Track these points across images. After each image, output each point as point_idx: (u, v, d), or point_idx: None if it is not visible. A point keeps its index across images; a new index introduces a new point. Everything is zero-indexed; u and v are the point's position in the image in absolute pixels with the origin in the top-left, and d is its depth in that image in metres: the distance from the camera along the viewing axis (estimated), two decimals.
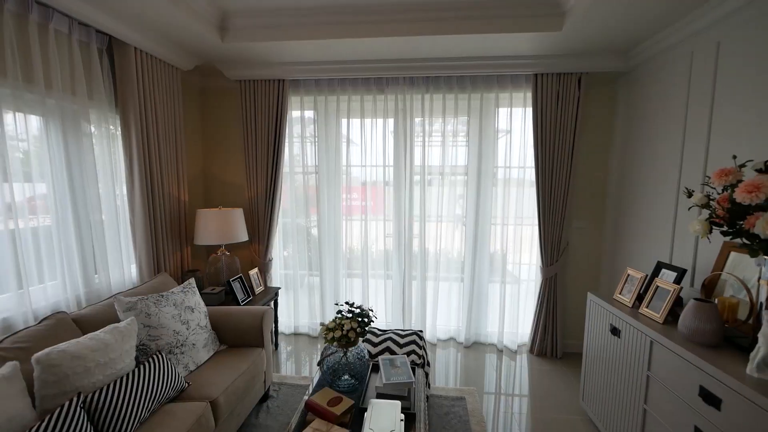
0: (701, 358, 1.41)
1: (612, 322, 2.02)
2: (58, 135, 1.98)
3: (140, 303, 1.86)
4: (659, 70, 2.41)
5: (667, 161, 2.30)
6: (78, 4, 1.92)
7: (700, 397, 1.40)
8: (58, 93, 1.95)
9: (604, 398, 2.09)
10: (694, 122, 2.09)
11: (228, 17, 2.44)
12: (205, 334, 2.12)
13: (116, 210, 2.36)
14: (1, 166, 1.70)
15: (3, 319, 1.74)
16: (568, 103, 2.80)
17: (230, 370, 1.98)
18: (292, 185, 3.33)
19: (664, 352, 1.61)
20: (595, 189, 3.04)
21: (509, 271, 3.26)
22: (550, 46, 2.51)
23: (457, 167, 3.22)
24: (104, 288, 2.26)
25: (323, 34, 2.44)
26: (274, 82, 3.03)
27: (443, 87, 3.01)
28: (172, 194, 2.74)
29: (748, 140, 1.74)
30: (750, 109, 1.74)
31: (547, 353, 3.15)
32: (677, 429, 1.52)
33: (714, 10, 1.90)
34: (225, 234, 2.80)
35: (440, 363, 3.06)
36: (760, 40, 1.70)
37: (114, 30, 2.16)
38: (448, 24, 2.31)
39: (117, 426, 1.39)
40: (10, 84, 1.73)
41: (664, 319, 1.74)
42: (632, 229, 2.68)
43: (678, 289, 1.74)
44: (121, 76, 2.32)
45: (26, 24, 1.80)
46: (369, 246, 3.36)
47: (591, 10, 2.01)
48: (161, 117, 2.59)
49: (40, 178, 1.93)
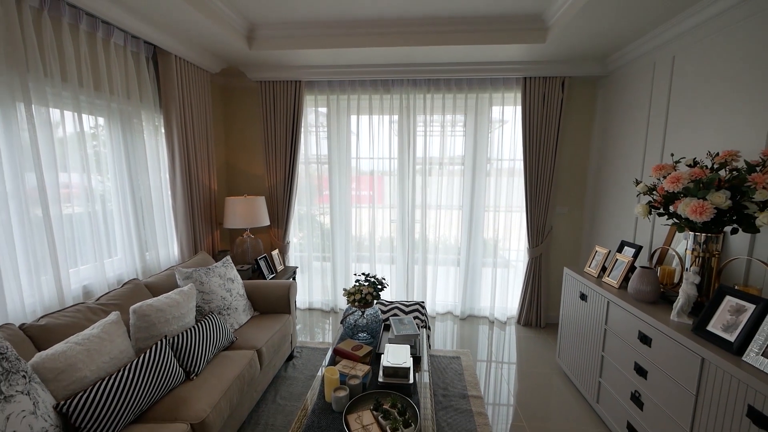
0: (641, 310, 1.84)
1: (581, 290, 2.45)
2: (118, 133, 2.35)
3: (195, 273, 2.26)
4: (629, 76, 2.79)
5: (633, 156, 2.70)
6: (134, 22, 2.26)
7: (638, 340, 1.84)
8: (117, 97, 2.31)
9: (574, 353, 2.53)
10: (654, 122, 2.48)
11: (255, 29, 2.78)
12: (243, 301, 2.54)
13: (162, 197, 2.74)
14: (81, 159, 2.07)
15: (84, 286, 2.13)
16: (553, 103, 3.18)
17: (266, 330, 2.40)
18: (306, 174, 3.71)
19: (617, 309, 2.04)
20: (576, 179, 3.44)
21: (500, 253, 3.68)
22: (536, 54, 2.87)
23: (455, 158, 3.60)
24: (154, 263, 2.66)
25: (337, 44, 2.79)
26: (291, 83, 3.38)
27: (443, 88, 3.37)
28: (204, 183, 3.11)
29: (696, 138, 2.14)
30: (697, 113, 2.13)
31: (532, 323, 3.60)
32: (623, 366, 1.96)
33: (670, 29, 2.27)
34: (250, 219, 3.19)
35: (439, 332, 3.50)
36: (705, 56, 2.08)
37: (159, 41, 2.50)
38: (447, 36, 2.67)
39: (192, 362, 1.81)
40: (84, 92, 2.09)
41: (619, 285, 2.17)
42: (605, 214, 3.09)
43: (631, 261, 2.17)
44: (164, 80, 2.66)
45: (95, 41, 2.15)
46: (376, 231, 3.77)
47: (569, 26, 2.37)
48: (195, 115, 2.95)
49: (107, 169, 2.30)
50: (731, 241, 1.86)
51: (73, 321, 1.63)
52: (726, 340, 1.42)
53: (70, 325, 1.61)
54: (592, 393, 2.27)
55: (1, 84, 1.66)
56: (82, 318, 1.67)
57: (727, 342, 1.41)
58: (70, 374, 1.39)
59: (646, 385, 1.78)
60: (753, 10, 1.77)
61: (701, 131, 2.08)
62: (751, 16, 1.78)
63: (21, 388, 1.19)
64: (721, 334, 1.45)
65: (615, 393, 2.04)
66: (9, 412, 1.12)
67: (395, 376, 1.75)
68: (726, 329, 1.45)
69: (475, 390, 2.52)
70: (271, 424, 2.12)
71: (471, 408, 2.32)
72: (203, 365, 1.87)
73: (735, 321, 1.43)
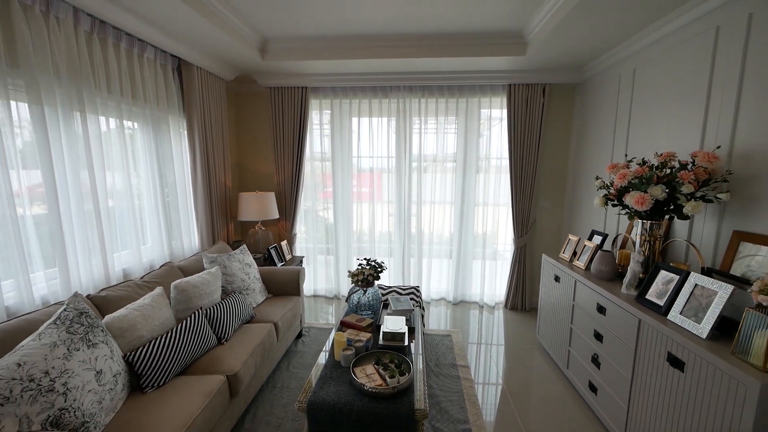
0: (599, 286, 2.19)
1: (555, 273, 2.80)
2: (150, 136, 2.68)
3: (219, 258, 2.60)
4: (600, 85, 3.14)
5: (603, 155, 3.05)
6: (164, 39, 2.58)
7: (596, 311, 2.19)
8: (150, 104, 2.64)
9: (550, 329, 2.89)
10: (619, 126, 2.83)
11: (267, 42, 3.11)
12: (259, 284, 2.88)
13: (185, 192, 3.08)
14: (122, 160, 2.41)
15: (124, 269, 2.47)
16: (535, 107, 3.52)
17: (280, 308, 2.74)
18: (311, 172, 4.04)
19: (582, 287, 2.39)
20: (556, 176, 3.79)
21: (489, 245, 4.03)
22: (518, 64, 3.21)
23: (448, 156, 3.93)
24: (179, 251, 3.00)
25: (339, 56, 3.12)
26: (298, 89, 3.71)
27: (436, 93, 3.71)
28: (220, 180, 3.45)
29: (651, 140, 2.48)
30: (652, 119, 2.48)
31: (518, 307, 3.96)
32: (585, 333, 2.32)
33: (631, 46, 2.61)
34: (262, 212, 3.53)
35: (433, 315, 3.86)
36: (657, 71, 2.43)
37: (184, 54, 2.83)
38: (438, 49, 3.01)
39: (222, 329, 2.15)
40: (125, 100, 2.42)
41: (585, 267, 2.52)
42: (581, 207, 3.45)
43: (595, 246, 2.52)
44: (187, 88, 2.99)
45: (132, 56, 2.47)
46: (375, 224, 4.11)
47: (544, 42, 2.71)
48: (213, 118, 3.28)
49: (140, 168, 2.64)
50: (677, 227, 2.22)
51: (125, 294, 1.97)
52: (657, 305, 1.77)
53: (123, 297, 1.95)
54: (563, 361, 2.63)
55: (63, 95, 1.98)
56: (131, 292, 2.01)
57: (658, 306, 1.76)
58: (132, 333, 1.73)
59: (602, 347, 2.13)
60: (688, 35, 2.11)
61: (655, 134, 2.43)
62: (689, 39, 2.12)
63: (101, 338, 1.53)
64: (655, 301, 1.81)
65: (580, 358, 2.39)
66: (96, 354, 1.47)
67: (393, 340, 2.10)
68: (659, 296, 1.81)
69: (463, 361, 2.88)
70: (287, 387, 2.47)
71: (459, 375, 2.68)
72: (231, 333, 2.22)
73: (665, 290, 1.79)
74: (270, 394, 2.39)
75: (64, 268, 1.98)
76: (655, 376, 1.69)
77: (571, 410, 2.30)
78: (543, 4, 2.44)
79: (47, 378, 1.25)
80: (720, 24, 1.94)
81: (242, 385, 1.94)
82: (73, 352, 1.37)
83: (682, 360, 1.53)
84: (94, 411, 1.36)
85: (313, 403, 1.65)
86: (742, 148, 1.81)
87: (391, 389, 1.67)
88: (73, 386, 1.31)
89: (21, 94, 1.81)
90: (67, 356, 1.34)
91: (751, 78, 1.77)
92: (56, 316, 1.44)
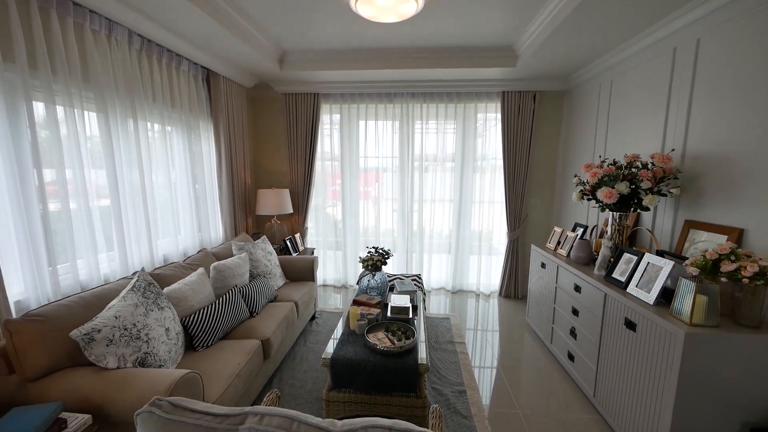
0: (577, 269, 2.54)
1: (542, 260, 3.16)
2: (185, 138, 3.04)
3: (245, 246, 2.97)
4: (584, 93, 3.49)
5: (585, 156, 3.41)
6: (197, 53, 2.94)
7: (574, 290, 2.55)
8: (184, 110, 3.00)
9: (537, 310, 3.25)
10: (599, 131, 3.19)
11: (285, 54, 3.47)
12: (279, 270, 3.25)
13: (212, 188, 3.44)
14: (165, 159, 2.77)
15: (164, 255, 2.84)
16: (527, 112, 3.88)
17: (298, 290, 3.11)
18: (321, 171, 4.40)
19: (564, 271, 2.75)
20: (546, 175, 4.15)
21: (485, 239, 4.39)
22: (511, 74, 3.57)
23: (447, 155, 4.29)
24: (207, 241, 3.36)
25: (348, 66, 3.47)
26: (310, 95, 4.07)
27: (436, 99, 4.07)
28: (241, 178, 3.81)
29: (625, 143, 2.84)
30: (627, 124, 2.84)
31: (511, 296, 4.32)
32: (564, 310, 2.68)
33: (609, 59, 2.97)
34: (278, 207, 3.89)
35: (433, 302, 4.22)
36: (630, 83, 2.78)
37: (212, 65, 3.19)
38: (438, 61, 3.36)
39: (254, 304, 2.52)
40: (167, 108, 2.78)
41: (567, 254, 2.88)
42: (567, 203, 3.81)
43: (575, 236, 2.88)
44: (214, 95, 3.35)
45: (171, 69, 2.84)
46: (380, 221, 4.47)
47: (532, 56, 3.06)
48: (235, 121, 3.64)
49: (177, 166, 3.00)
50: (644, 218, 2.58)
51: (174, 273, 2.33)
52: (620, 281, 2.13)
53: (171, 275, 2.31)
54: (548, 337, 2.99)
55: (121, 106, 2.35)
56: (178, 272, 2.37)
57: (621, 282, 2.12)
58: (185, 302, 2.10)
59: (578, 321, 2.49)
60: (654, 53, 2.47)
61: (626, 138, 2.79)
62: (655, 57, 2.48)
63: (165, 304, 1.90)
64: (618, 278, 2.17)
65: (561, 333, 2.76)
66: (164, 315, 1.83)
67: (399, 314, 2.46)
68: (622, 274, 2.17)
69: (460, 339, 3.24)
70: (305, 358, 2.84)
71: (456, 349, 3.04)
72: (260, 308, 2.58)
73: (627, 268, 2.15)
74: (291, 363, 2.75)
75: (122, 251, 2.35)
76: (616, 338, 2.05)
77: (552, 377, 2.66)
78: (530, 24, 2.80)
79: (135, 328, 1.61)
80: (676, 45, 2.30)
81: (273, 349, 2.31)
82: (149, 312, 1.74)
83: (635, 322, 1.89)
84: (166, 358, 1.73)
85: (336, 359, 2.01)
86: (693, 150, 2.17)
87: (399, 348, 2.03)
88: (152, 337, 1.67)
89: (91, 104, 2.17)
90: (146, 314, 1.71)
91: (699, 92, 2.13)
92: (132, 284, 1.80)
